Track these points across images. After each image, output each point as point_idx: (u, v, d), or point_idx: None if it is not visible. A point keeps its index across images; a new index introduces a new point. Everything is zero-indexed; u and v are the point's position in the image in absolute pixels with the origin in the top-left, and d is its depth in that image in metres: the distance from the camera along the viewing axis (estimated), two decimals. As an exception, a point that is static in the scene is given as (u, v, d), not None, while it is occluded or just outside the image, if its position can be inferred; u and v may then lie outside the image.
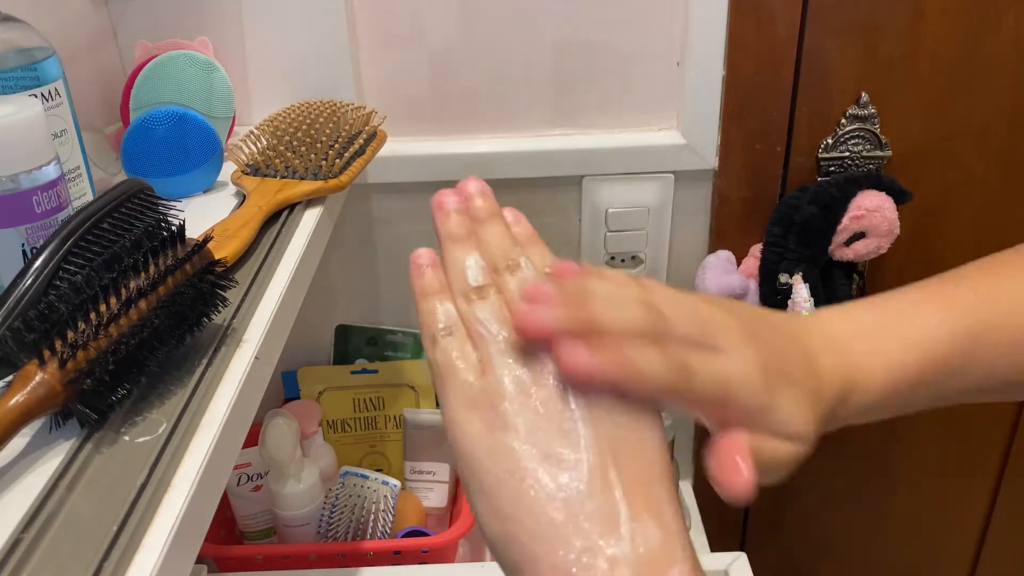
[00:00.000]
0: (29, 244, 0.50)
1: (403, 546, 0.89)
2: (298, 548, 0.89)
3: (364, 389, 1.02)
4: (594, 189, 0.96)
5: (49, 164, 0.51)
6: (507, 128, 0.95)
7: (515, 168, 0.94)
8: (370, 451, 1.04)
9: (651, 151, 0.94)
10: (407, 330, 1.05)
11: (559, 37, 0.90)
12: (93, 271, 0.43)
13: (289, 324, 0.59)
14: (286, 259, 0.61)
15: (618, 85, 0.92)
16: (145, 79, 0.79)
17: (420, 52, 0.91)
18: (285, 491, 0.89)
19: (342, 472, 0.92)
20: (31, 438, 0.43)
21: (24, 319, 0.41)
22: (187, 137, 0.72)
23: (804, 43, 0.88)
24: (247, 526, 0.96)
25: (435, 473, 1.01)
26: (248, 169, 0.72)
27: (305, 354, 1.06)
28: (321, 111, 0.77)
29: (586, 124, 0.95)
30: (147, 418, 0.44)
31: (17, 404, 0.39)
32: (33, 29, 0.59)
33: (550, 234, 1.00)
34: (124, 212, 0.49)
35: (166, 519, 0.37)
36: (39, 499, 0.39)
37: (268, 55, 0.89)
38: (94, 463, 0.41)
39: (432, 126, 0.95)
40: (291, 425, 0.87)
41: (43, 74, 0.58)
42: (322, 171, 0.71)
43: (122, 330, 0.42)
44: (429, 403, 1.03)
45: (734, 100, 0.90)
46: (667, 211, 0.97)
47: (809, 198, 0.90)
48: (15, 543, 0.36)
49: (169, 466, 0.40)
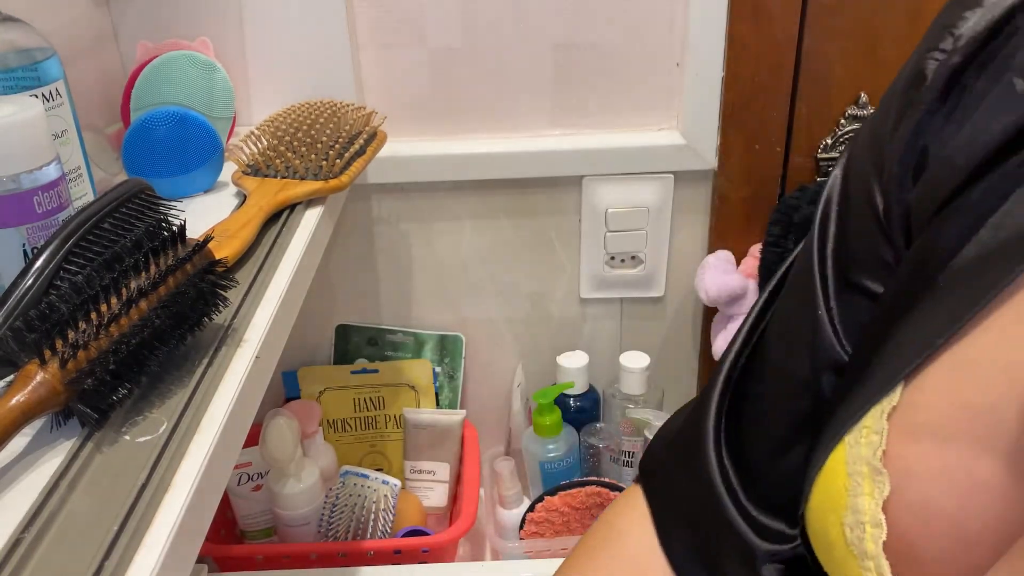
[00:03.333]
0: (30, 244, 0.50)
1: (403, 546, 0.89)
2: (298, 548, 0.89)
3: (364, 389, 1.03)
4: (594, 189, 0.96)
5: (50, 164, 0.51)
6: (507, 128, 0.95)
7: (515, 168, 0.94)
8: (370, 451, 1.05)
9: (651, 151, 0.94)
10: (407, 330, 1.05)
11: (559, 37, 0.90)
12: (94, 271, 0.43)
13: (289, 324, 0.59)
14: (286, 259, 0.61)
15: (618, 85, 0.93)
16: (146, 79, 0.79)
17: (420, 52, 0.91)
18: (285, 491, 0.89)
19: (342, 472, 0.92)
20: (32, 438, 0.43)
21: (25, 319, 0.41)
22: (187, 137, 0.72)
23: (803, 43, 0.88)
24: (247, 525, 0.97)
25: (435, 473, 1.01)
26: (248, 169, 0.72)
27: (305, 354, 1.06)
28: (321, 111, 0.77)
29: (586, 124, 0.95)
30: (148, 418, 0.44)
31: (18, 404, 0.39)
32: (34, 29, 0.59)
33: (550, 234, 1.00)
34: (125, 212, 0.50)
35: (167, 518, 0.37)
36: (40, 499, 0.39)
37: (268, 55, 0.89)
38: (95, 463, 0.41)
39: (432, 126, 0.95)
40: (291, 425, 0.88)
41: (44, 74, 0.58)
42: (322, 171, 0.71)
43: (123, 330, 0.42)
44: (429, 403, 1.03)
45: (734, 100, 0.90)
46: (667, 211, 0.97)
47: (809, 198, 0.90)
48: (16, 543, 0.36)
49: (170, 466, 0.40)
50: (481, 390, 1.09)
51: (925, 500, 0.34)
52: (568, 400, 1.02)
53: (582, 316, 1.05)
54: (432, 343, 1.05)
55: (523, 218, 0.99)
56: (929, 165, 0.38)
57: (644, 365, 0.98)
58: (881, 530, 0.35)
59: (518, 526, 0.95)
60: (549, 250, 1.01)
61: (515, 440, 1.05)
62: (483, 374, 1.08)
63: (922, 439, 0.35)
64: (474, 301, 1.04)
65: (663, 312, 1.04)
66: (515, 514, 0.98)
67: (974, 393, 0.34)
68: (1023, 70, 0.35)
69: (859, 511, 0.36)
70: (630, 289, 1.02)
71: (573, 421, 1.01)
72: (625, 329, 1.06)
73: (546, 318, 1.05)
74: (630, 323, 1.05)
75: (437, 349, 1.05)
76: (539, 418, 0.97)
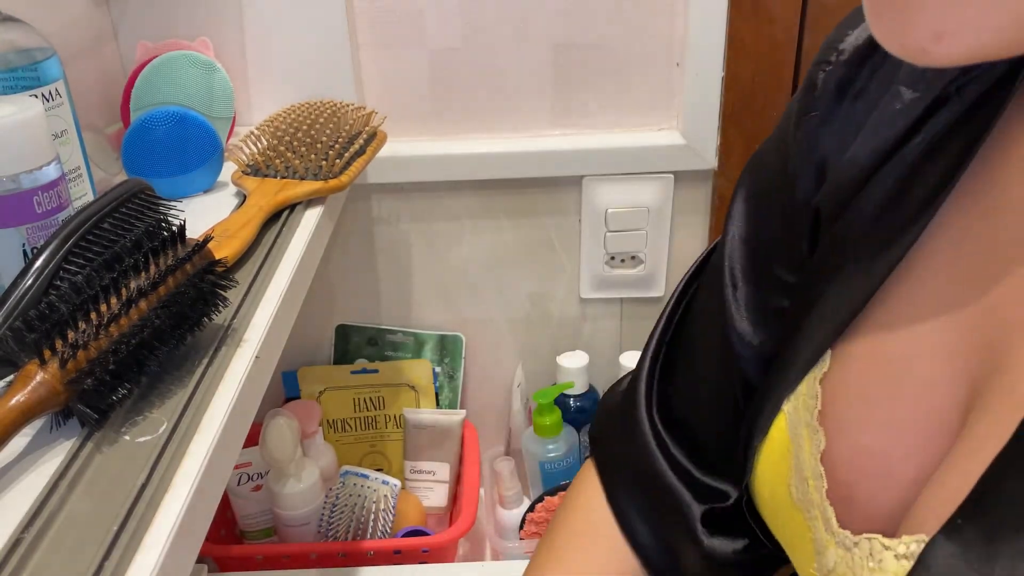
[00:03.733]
0: (30, 244, 0.50)
1: (403, 546, 0.89)
2: (298, 548, 0.89)
3: (364, 389, 1.03)
4: (594, 189, 0.96)
5: (50, 164, 0.51)
6: (507, 128, 0.95)
7: (515, 168, 0.94)
8: (370, 451, 1.05)
9: (651, 151, 0.94)
10: (407, 330, 1.05)
11: (559, 37, 0.90)
12: (94, 271, 0.43)
13: (289, 324, 0.59)
14: (286, 259, 0.61)
15: (618, 85, 0.92)
16: (145, 79, 0.79)
17: (420, 52, 0.91)
18: (285, 491, 0.89)
19: (342, 472, 0.92)
20: (32, 438, 0.43)
21: (25, 319, 0.41)
22: (187, 137, 0.72)
23: (804, 43, 0.88)
24: (247, 526, 0.97)
25: (435, 473, 1.01)
26: (248, 169, 0.72)
27: (305, 354, 1.06)
28: (321, 111, 0.77)
29: (586, 124, 0.95)
30: (148, 418, 0.44)
31: (18, 404, 0.39)
32: (34, 29, 0.59)
33: (550, 234, 1.00)
34: (125, 212, 0.50)
35: (167, 518, 0.37)
36: (40, 498, 0.39)
37: (268, 55, 0.89)
38: (95, 463, 0.41)
39: (432, 126, 0.95)
40: (291, 425, 0.88)
41: (44, 74, 0.58)
42: (322, 171, 0.71)
43: (123, 330, 0.42)
44: (429, 403, 1.03)
45: (734, 100, 0.90)
46: (667, 211, 0.97)
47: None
48: (16, 543, 0.36)
49: (170, 466, 0.40)
50: (481, 390, 1.09)
51: (857, 447, 0.38)
52: (568, 400, 1.02)
53: (582, 316, 1.05)
54: (432, 343, 1.05)
55: (523, 218, 0.99)
56: (829, 171, 0.44)
57: (644, 365, 0.98)
58: (822, 480, 0.39)
59: (518, 526, 0.95)
60: (549, 250, 1.01)
61: (515, 440, 1.05)
62: (483, 374, 1.08)
63: (851, 395, 0.39)
64: (474, 301, 1.04)
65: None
66: (515, 514, 0.98)
67: (892, 348, 0.38)
68: (907, 79, 0.40)
69: (802, 468, 0.40)
70: (630, 289, 1.02)
71: (573, 421, 1.01)
72: (625, 329, 1.06)
73: (546, 318, 1.05)
74: (630, 323, 1.05)
75: (437, 349, 1.05)
76: (539, 418, 0.97)
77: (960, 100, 0.38)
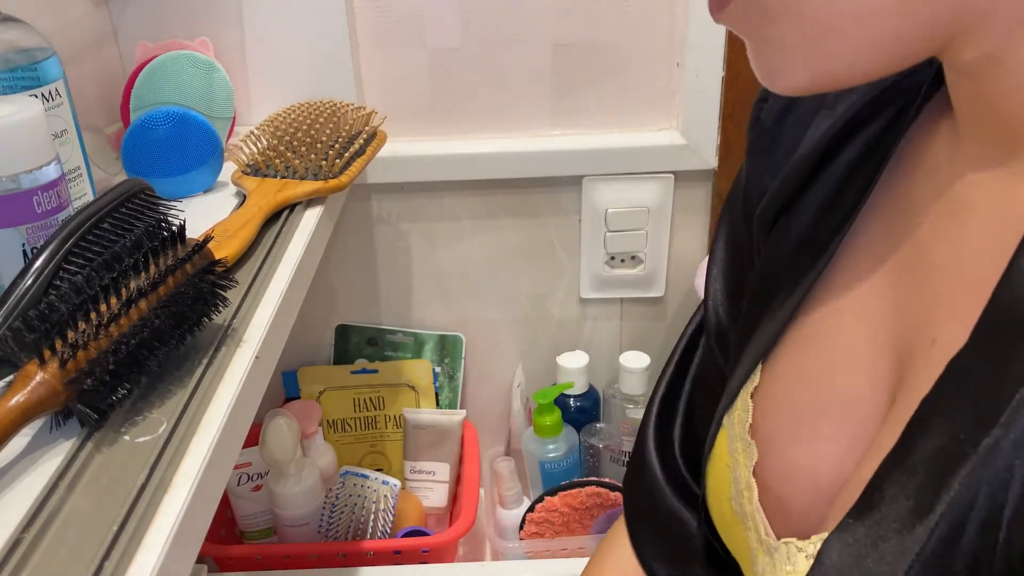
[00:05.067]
0: (29, 244, 0.50)
1: (403, 546, 0.89)
2: (298, 548, 0.89)
3: (364, 389, 1.03)
4: (594, 189, 0.96)
5: (50, 164, 0.51)
6: (507, 128, 0.95)
7: (515, 168, 0.94)
8: (370, 451, 1.04)
9: (651, 151, 0.94)
10: (407, 330, 1.05)
11: (559, 37, 0.90)
12: (93, 271, 0.43)
13: (289, 324, 0.59)
14: (286, 259, 0.61)
15: (618, 85, 0.92)
16: (145, 79, 0.79)
17: (420, 52, 0.91)
18: (285, 491, 0.89)
19: (342, 472, 0.92)
20: (31, 438, 0.43)
21: (24, 319, 0.41)
22: (187, 137, 0.72)
23: (804, 43, 0.88)
24: (247, 526, 0.97)
25: (435, 473, 1.01)
26: (248, 169, 0.72)
27: (305, 354, 1.06)
28: (321, 111, 0.77)
29: (586, 124, 0.95)
30: (147, 418, 0.44)
31: (18, 404, 0.39)
32: (34, 29, 0.59)
33: (550, 234, 1.00)
34: (124, 212, 0.49)
35: (166, 519, 0.37)
36: (39, 499, 0.39)
37: (268, 55, 0.89)
38: (94, 463, 0.41)
39: (432, 126, 0.95)
40: (291, 425, 0.88)
41: (44, 74, 0.58)
42: (322, 171, 0.71)
43: (122, 330, 0.42)
44: (429, 403, 1.03)
45: (734, 100, 0.90)
46: (667, 211, 0.97)
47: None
48: (16, 543, 0.36)
49: (169, 466, 0.40)
50: (481, 390, 1.09)
51: (786, 461, 0.40)
52: (568, 400, 1.02)
53: (582, 316, 1.05)
54: (432, 343, 1.05)
55: (523, 218, 0.99)
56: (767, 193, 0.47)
57: (644, 365, 0.98)
58: (753, 492, 0.41)
59: (518, 526, 0.95)
60: (549, 250, 1.01)
61: (515, 440, 1.04)
62: (483, 374, 1.08)
63: (779, 409, 0.41)
64: (474, 301, 1.04)
65: (663, 312, 1.04)
66: (515, 514, 0.97)
67: (811, 363, 0.40)
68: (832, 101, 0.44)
69: (738, 481, 0.42)
70: (630, 289, 1.02)
71: (573, 421, 1.01)
72: (625, 329, 1.06)
73: (546, 318, 1.05)
74: (630, 323, 1.05)
75: (437, 349, 1.05)
76: (539, 418, 0.97)
77: (881, 118, 0.42)
